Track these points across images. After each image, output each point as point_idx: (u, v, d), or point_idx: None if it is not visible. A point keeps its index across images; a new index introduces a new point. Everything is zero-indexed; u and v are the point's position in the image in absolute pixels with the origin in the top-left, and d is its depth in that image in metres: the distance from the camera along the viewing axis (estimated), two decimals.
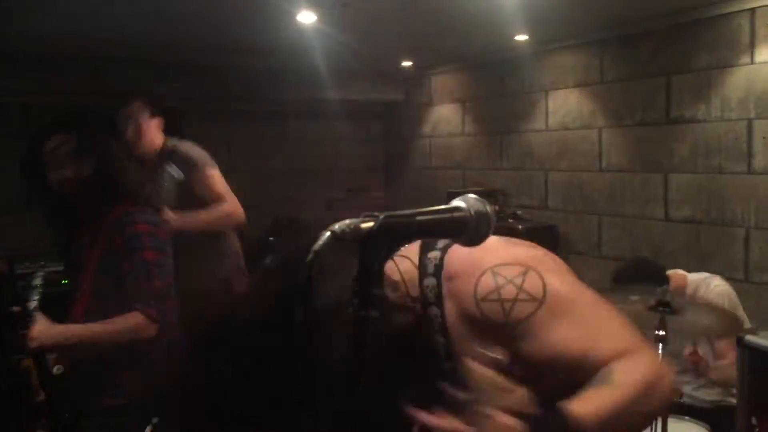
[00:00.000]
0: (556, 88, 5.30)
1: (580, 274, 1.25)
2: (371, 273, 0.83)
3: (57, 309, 2.24)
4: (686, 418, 3.03)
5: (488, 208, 0.96)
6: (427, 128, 6.89)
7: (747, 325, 3.19)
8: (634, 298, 3.10)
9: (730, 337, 2.54)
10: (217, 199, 3.33)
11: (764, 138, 3.87)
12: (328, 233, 0.80)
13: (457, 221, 0.93)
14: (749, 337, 2.13)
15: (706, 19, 4.13)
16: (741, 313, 3.22)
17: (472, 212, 0.95)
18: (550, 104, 5.37)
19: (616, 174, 4.84)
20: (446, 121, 6.56)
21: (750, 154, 3.94)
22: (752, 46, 3.91)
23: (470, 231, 0.95)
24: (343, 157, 7.17)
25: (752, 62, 3.91)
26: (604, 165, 4.94)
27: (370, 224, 0.83)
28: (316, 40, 4.68)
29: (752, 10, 3.90)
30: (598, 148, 4.98)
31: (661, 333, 2.75)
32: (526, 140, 5.60)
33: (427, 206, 1.10)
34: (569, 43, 5.11)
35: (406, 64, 6.41)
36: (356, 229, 0.82)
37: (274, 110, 6.62)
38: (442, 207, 0.94)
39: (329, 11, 4.12)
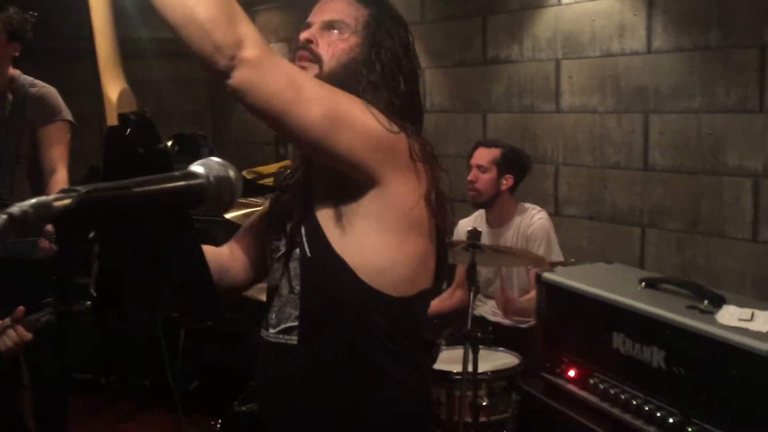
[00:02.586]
0: None
1: None
2: (74, 260, 0.70)
3: None
4: (500, 348, 3.19)
5: (231, 172, 0.85)
6: None
7: (560, 258, 3.40)
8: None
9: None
10: (54, 165, 2.85)
11: (570, 78, 4.05)
12: (4, 217, 0.65)
13: (192, 190, 0.81)
14: (547, 275, 2.22)
15: None
16: (554, 245, 3.43)
17: (212, 178, 0.83)
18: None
19: (440, 114, 4.90)
20: None
21: (558, 94, 4.12)
22: None
23: (210, 200, 0.83)
24: (165, 100, 6.72)
25: (559, 3, 4.04)
26: (428, 105, 4.97)
27: (66, 202, 0.69)
28: None
29: None
30: (423, 88, 4.99)
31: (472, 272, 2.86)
32: None
33: (255, 152, 1.04)
34: None
35: None
36: (46, 208, 0.67)
37: (81, 50, 6.03)
38: (175, 174, 0.82)
39: None
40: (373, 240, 1.25)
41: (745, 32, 3.27)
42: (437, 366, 2.83)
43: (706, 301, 1.84)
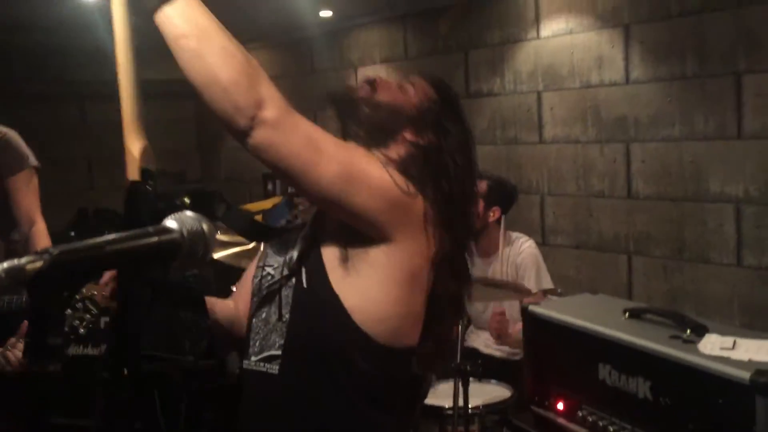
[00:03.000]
0: (364, 65, 5.31)
1: None
2: (47, 319, 0.71)
3: None
4: (492, 381, 3.18)
5: (204, 226, 0.87)
6: None
7: (550, 285, 3.40)
8: None
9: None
10: (31, 215, 2.75)
11: (552, 109, 4.11)
12: None
13: (165, 246, 0.83)
14: (532, 308, 2.23)
15: None
16: (544, 273, 3.42)
17: (185, 233, 0.85)
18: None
19: None
20: None
21: (540, 125, 4.18)
22: (537, 21, 4.11)
23: (183, 254, 0.85)
24: (152, 140, 6.77)
25: (538, 37, 4.12)
26: None
27: (38, 265, 0.70)
28: (102, 18, 4.30)
29: None
30: None
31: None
32: None
33: (243, 190, 1.11)
34: (373, 19, 5.12)
35: None
36: (19, 271, 0.69)
37: (67, 92, 6.08)
38: (149, 229, 0.84)
39: None
40: (376, 289, 1.27)
41: (720, 61, 3.34)
42: (429, 401, 2.83)
43: (688, 331, 1.85)
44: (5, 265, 0.68)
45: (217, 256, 3.58)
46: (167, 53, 1.14)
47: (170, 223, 0.86)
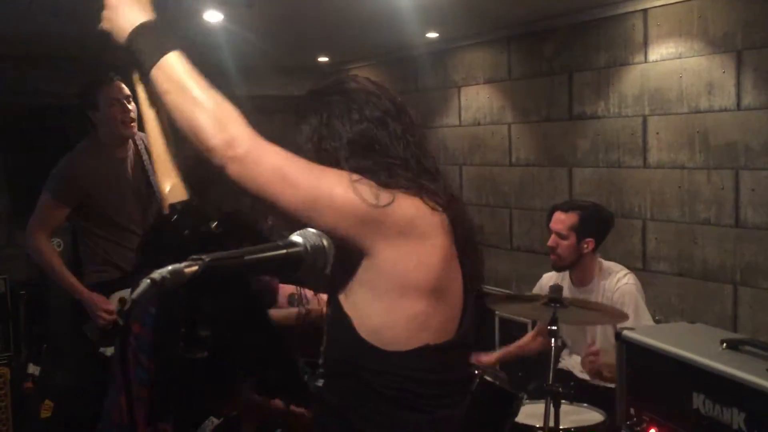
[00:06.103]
0: (468, 85, 5.40)
1: (493, 267, 1.38)
2: (199, 315, 0.86)
3: None
4: (584, 405, 3.18)
5: (325, 242, 1.00)
6: None
7: (649, 321, 3.32)
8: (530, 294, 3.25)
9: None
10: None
11: (657, 134, 4.05)
12: (147, 281, 0.82)
13: (291, 257, 0.96)
14: (627, 333, 2.25)
15: (603, 18, 4.29)
16: (643, 310, 3.33)
17: (308, 247, 0.98)
18: (463, 100, 5.48)
19: (525, 168, 4.98)
20: None
21: (645, 149, 4.13)
22: (645, 45, 4.08)
23: (307, 266, 0.98)
24: None
25: (645, 61, 4.09)
26: (513, 159, 5.08)
27: (194, 269, 0.85)
28: (224, 39, 4.63)
29: (645, 11, 4.07)
30: (507, 143, 5.11)
31: (553, 328, 2.89)
32: (441, 135, 5.70)
33: None
34: (478, 41, 5.21)
35: (323, 59, 6.41)
36: (179, 274, 0.84)
37: None
38: (278, 243, 0.97)
39: (236, 11, 4.09)
40: (367, 305, 1.39)
41: None
42: (520, 419, 2.87)
43: None
44: (169, 268, 0.83)
45: None
46: (275, 71, 1.32)
47: (296, 237, 1.00)
